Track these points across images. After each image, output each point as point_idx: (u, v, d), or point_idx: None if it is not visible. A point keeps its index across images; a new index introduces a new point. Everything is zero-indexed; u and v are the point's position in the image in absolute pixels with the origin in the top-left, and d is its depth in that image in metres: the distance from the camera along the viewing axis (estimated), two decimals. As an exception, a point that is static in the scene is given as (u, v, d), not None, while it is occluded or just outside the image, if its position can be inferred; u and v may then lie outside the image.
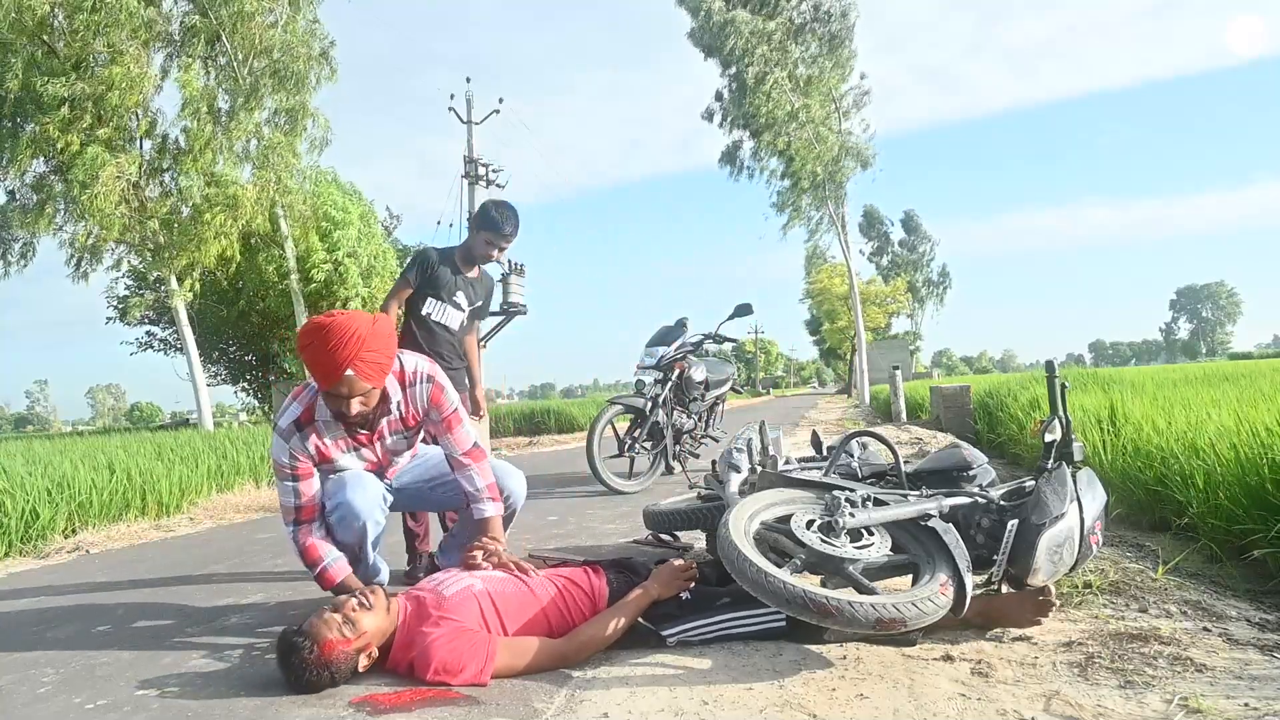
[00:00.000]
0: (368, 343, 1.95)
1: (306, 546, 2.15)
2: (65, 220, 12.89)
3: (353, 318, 1.97)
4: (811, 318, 48.51)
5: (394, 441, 2.28)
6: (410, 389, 2.21)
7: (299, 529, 2.17)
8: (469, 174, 20.26)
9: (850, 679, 1.69)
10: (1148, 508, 3.38)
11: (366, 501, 2.17)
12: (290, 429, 2.11)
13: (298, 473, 2.13)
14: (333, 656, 1.72)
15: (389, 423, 2.22)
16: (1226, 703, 1.46)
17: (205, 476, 5.83)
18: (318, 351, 1.95)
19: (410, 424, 2.27)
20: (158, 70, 12.95)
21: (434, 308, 3.17)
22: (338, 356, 1.93)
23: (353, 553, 2.23)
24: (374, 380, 2.01)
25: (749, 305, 5.68)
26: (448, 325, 3.20)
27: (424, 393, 2.22)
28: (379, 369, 2.01)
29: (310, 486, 2.16)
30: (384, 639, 1.82)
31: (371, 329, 1.97)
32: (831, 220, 19.11)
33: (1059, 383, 2.22)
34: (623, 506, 4.48)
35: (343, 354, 1.92)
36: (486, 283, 3.39)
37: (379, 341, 1.99)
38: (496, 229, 3.15)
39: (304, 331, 2.02)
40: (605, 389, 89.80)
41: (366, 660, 1.78)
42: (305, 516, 2.16)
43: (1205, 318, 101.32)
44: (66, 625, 2.53)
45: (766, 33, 17.21)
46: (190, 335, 13.78)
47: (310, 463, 2.15)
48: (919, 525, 1.99)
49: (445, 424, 2.26)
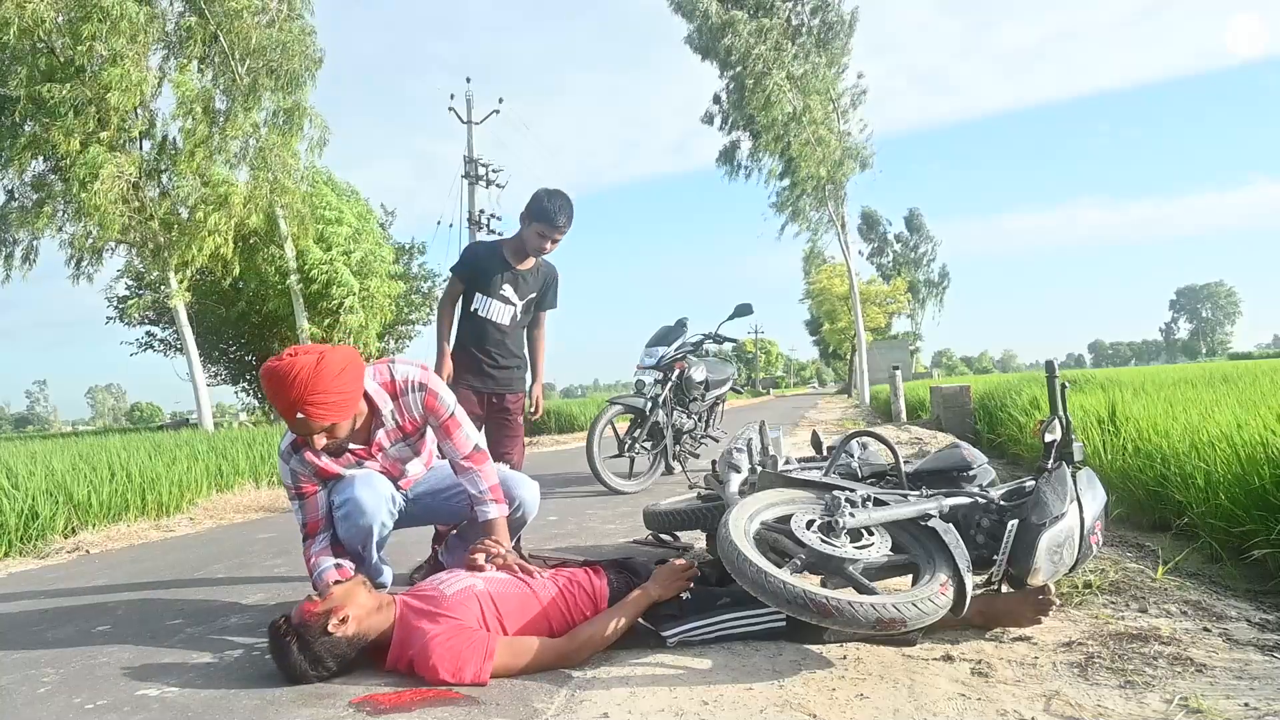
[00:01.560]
0: (311, 385, 1.92)
1: (308, 559, 2.22)
2: (65, 220, 12.89)
3: (296, 362, 1.94)
4: (811, 318, 48.58)
5: (398, 450, 2.29)
6: (402, 399, 2.20)
7: (305, 544, 2.24)
8: (469, 174, 20.27)
9: (850, 679, 1.69)
10: (1148, 508, 3.38)
11: (374, 499, 2.18)
12: (289, 451, 2.17)
13: (302, 491, 2.21)
14: (303, 619, 1.78)
15: (387, 434, 2.23)
16: (1226, 703, 1.46)
17: (205, 476, 5.82)
18: (271, 395, 1.98)
19: (410, 431, 2.27)
20: (156, 71, 12.96)
21: (481, 303, 3.07)
22: (285, 401, 1.94)
23: (356, 552, 2.24)
24: (330, 417, 1.98)
25: (749, 305, 5.68)
26: (496, 321, 3.07)
27: (417, 401, 2.22)
28: (333, 407, 1.98)
29: (315, 503, 2.22)
30: (365, 613, 1.82)
31: (315, 370, 1.93)
32: (832, 221, 19.10)
33: (1059, 383, 2.22)
34: (623, 506, 4.48)
35: (289, 397, 1.92)
36: (544, 273, 3.20)
37: (325, 381, 1.94)
38: (549, 220, 2.98)
39: (261, 374, 2.02)
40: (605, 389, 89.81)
41: (338, 623, 1.78)
42: (311, 531, 2.23)
43: (1205, 318, 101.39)
44: (66, 625, 2.52)
45: (764, 31, 17.20)
46: (190, 335, 13.78)
47: (313, 481, 2.20)
48: (919, 525, 1.99)
49: (444, 429, 2.25)
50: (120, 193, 12.08)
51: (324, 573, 2.16)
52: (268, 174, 13.31)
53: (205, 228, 12.44)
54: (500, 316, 3.07)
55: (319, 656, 1.77)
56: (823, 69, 17.86)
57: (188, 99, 12.59)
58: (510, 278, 3.07)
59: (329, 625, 1.78)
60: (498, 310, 3.07)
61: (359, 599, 1.83)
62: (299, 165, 14.06)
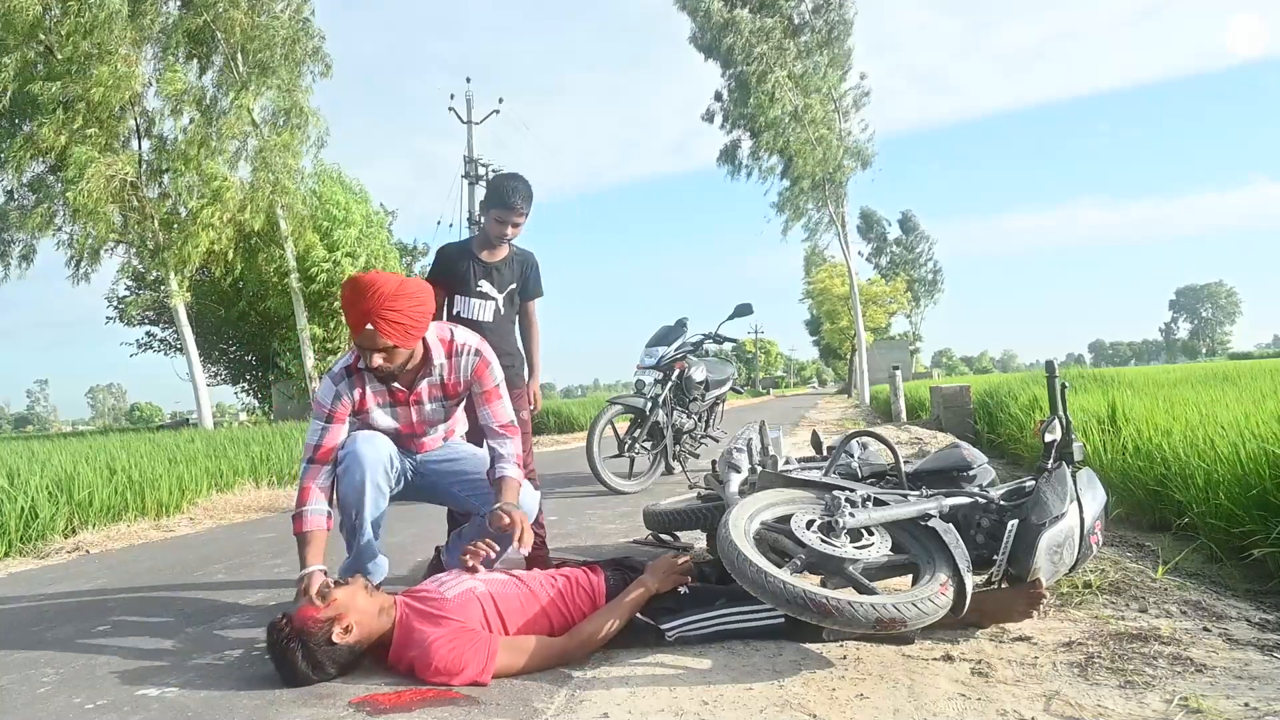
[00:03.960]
0: (388, 301, 2.02)
1: (304, 486, 2.18)
2: (64, 221, 12.89)
3: (380, 276, 2.07)
4: (811, 318, 48.56)
5: (431, 410, 2.34)
6: (456, 358, 2.30)
7: (309, 466, 2.21)
8: (469, 174, 20.27)
9: (850, 679, 1.69)
10: (1148, 508, 3.38)
11: (371, 455, 2.20)
12: (341, 373, 2.23)
13: (334, 415, 2.22)
14: (305, 625, 1.76)
15: (429, 386, 2.29)
16: (1226, 703, 1.46)
17: (205, 476, 5.82)
18: (347, 303, 2.07)
19: (451, 393, 2.34)
20: (150, 70, 12.95)
21: (462, 304, 3.02)
22: (359, 309, 2.03)
23: (349, 520, 2.23)
24: (394, 338, 2.06)
25: (749, 305, 5.69)
26: (480, 319, 3.01)
27: (469, 364, 2.31)
28: (401, 330, 2.06)
29: (337, 433, 2.23)
30: (367, 619, 1.81)
31: (397, 289, 2.05)
32: (832, 220, 19.11)
33: (1059, 383, 2.22)
34: (623, 506, 4.48)
35: (363, 306, 2.02)
36: (519, 260, 3.12)
37: (402, 302, 2.05)
38: (505, 203, 2.91)
39: (343, 284, 2.13)
40: (605, 389, 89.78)
41: (342, 632, 1.77)
42: (320, 456, 2.21)
43: (1205, 318, 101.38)
44: (66, 625, 2.52)
45: (766, 30, 17.21)
46: (190, 335, 13.79)
47: (348, 410, 2.24)
48: (919, 525, 1.99)
49: (485, 396, 2.34)
50: (112, 192, 12.06)
51: (310, 513, 2.13)
52: (268, 174, 13.29)
53: (199, 221, 12.39)
54: (483, 314, 3.02)
55: (320, 663, 1.77)
56: (825, 69, 17.87)
57: (176, 95, 12.57)
58: (484, 272, 3.02)
59: (333, 635, 1.77)
60: (478, 308, 3.02)
61: (361, 604, 1.82)
62: (300, 165, 14.05)
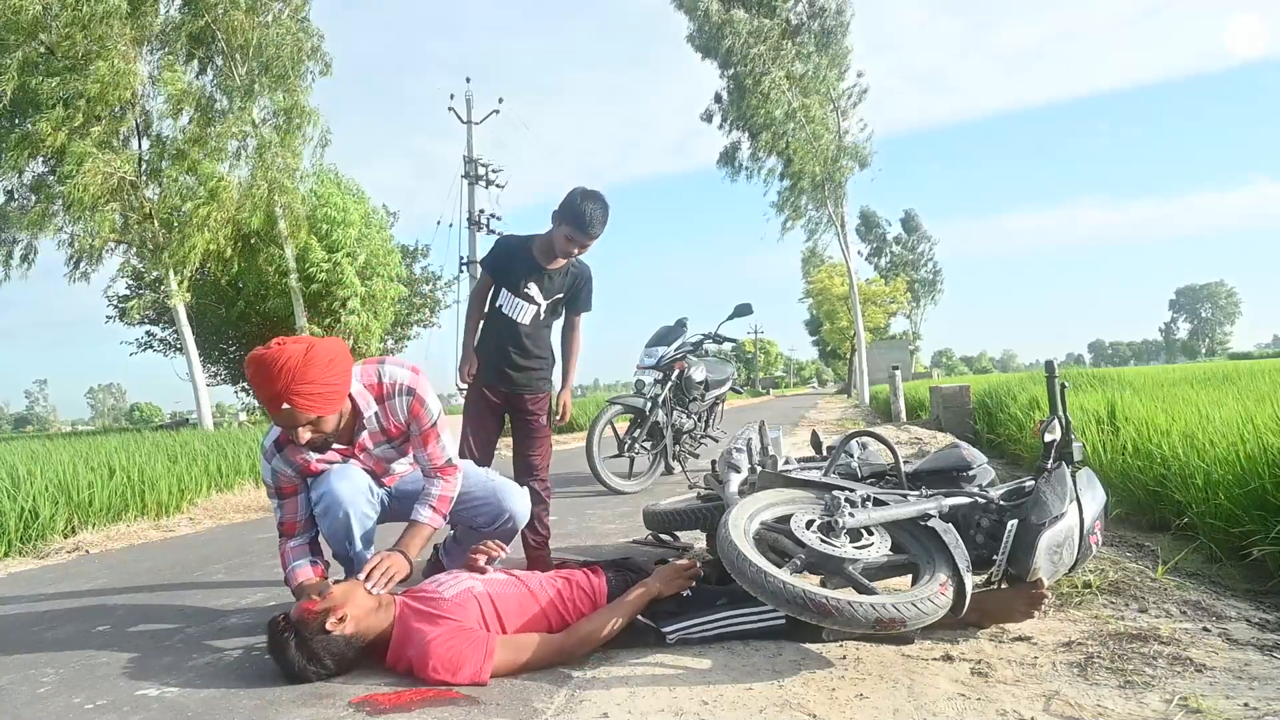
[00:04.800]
0: (299, 374, 1.88)
1: (281, 554, 2.20)
2: (64, 221, 12.88)
3: (283, 350, 1.90)
4: (811, 318, 48.55)
5: (381, 451, 2.26)
6: (388, 402, 2.16)
7: (281, 541, 2.21)
8: (469, 174, 20.26)
9: (850, 679, 1.69)
10: (1148, 508, 3.38)
11: (350, 489, 2.15)
12: (272, 450, 2.15)
13: (283, 491, 2.18)
14: (301, 615, 1.79)
15: (369, 435, 2.19)
16: (1226, 703, 1.46)
17: (205, 476, 5.82)
18: (256, 385, 1.93)
19: (394, 434, 2.23)
20: (152, 69, 12.94)
21: (505, 300, 2.93)
22: (271, 390, 1.89)
23: (343, 552, 2.22)
24: (316, 409, 1.94)
25: (749, 305, 5.69)
26: (517, 319, 2.92)
27: (403, 406, 2.17)
28: (320, 398, 1.93)
29: (295, 504, 2.19)
30: (364, 614, 1.82)
31: (304, 359, 1.89)
32: (831, 220, 19.10)
33: (1059, 383, 2.22)
34: (623, 506, 4.48)
35: (275, 387, 1.88)
36: (574, 272, 3.00)
37: (314, 371, 1.90)
38: (582, 227, 2.74)
39: (246, 362, 1.98)
40: (605, 389, 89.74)
41: (336, 621, 1.78)
42: (286, 530, 2.20)
43: (1205, 318, 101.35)
44: (66, 625, 2.53)
45: (763, 31, 17.21)
46: (190, 335, 13.79)
47: (295, 481, 2.18)
48: (919, 525, 1.99)
49: (422, 438, 2.22)
50: (110, 190, 12.04)
51: (298, 569, 2.13)
52: (266, 174, 13.29)
53: (196, 220, 12.39)
54: (522, 315, 2.93)
55: (316, 654, 1.77)
56: (824, 69, 17.87)
57: (176, 96, 12.57)
58: (536, 276, 2.92)
59: (327, 624, 1.78)
60: (520, 309, 2.93)
61: (358, 599, 1.84)
62: (300, 165, 14.04)
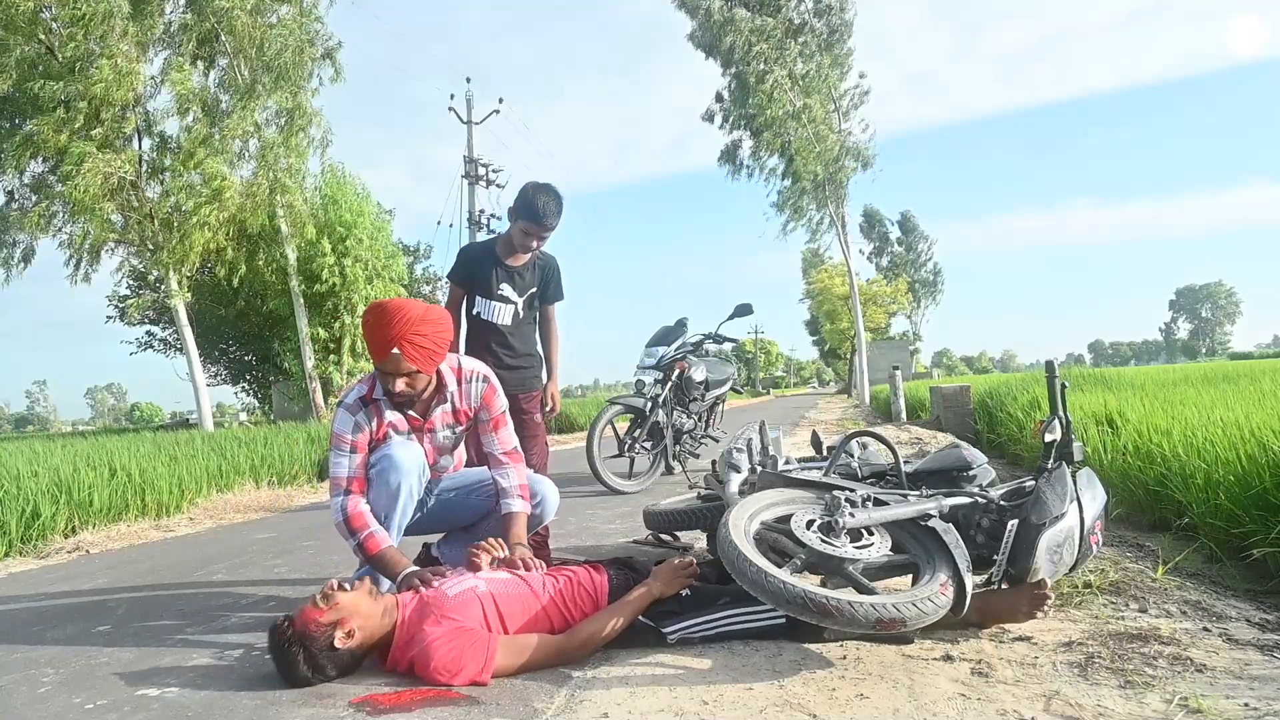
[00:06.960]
0: (415, 326, 2.09)
1: (353, 514, 2.18)
2: (65, 221, 12.87)
3: (406, 303, 2.16)
4: (811, 318, 48.53)
5: (443, 437, 2.40)
6: (466, 385, 2.37)
7: (348, 498, 2.20)
8: (469, 174, 20.26)
9: (850, 679, 1.69)
10: (1148, 508, 3.38)
11: (409, 460, 2.24)
12: (357, 404, 2.27)
13: (356, 446, 2.25)
14: (307, 628, 1.75)
15: (442, 414, 2.36)
16: (1226, 703, 1.46)
17: (205, 476, 5.82)
18: (372, 328, 2.13)
19: (461, 420, 2.40)
20: (156, 70, 12.94)
21: (482, 306, 3.02)
22: (385, 334, 2.09)
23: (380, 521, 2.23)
24: (419, 363, 2.12)
25: (749, 305, 5.69)
26: (497, 322, 3.01)
27: (478, 390, 2.39)
28: (425, 354, 2.13)
29: (364, 462, 2.26)
30: (371, 624, 1.81)
31: (422, 315, 2.12)
32: (832, 220, 19.09)
33: (1059, 383, 2.22)
34: (623, 506, 4.48)
35: (390, 332, 2.08)
36: (541, 265, 3.09)
37: (428, 327, 2.12)
38: (536, 219, 2.85)
39: (366, 310, 2.21)
40: (605, 389, 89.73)
41: (344, 636, 1.77)
42: (356, 488, 2.23)
43: (1205, 318, 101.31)
44: (66, 625, 2.53)
45: (765, 30, 17.21)
46: (190, 335, 13.76)
47: (368, 440, 2.27)
48: (919, 525, 1.99)
49: (493, 422, 2.42)
50: (109, 189, 12.03)
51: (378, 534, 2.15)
52: (268, 174, 13.27)
53: (195, 220, 12.37)
54: (502, 317, 3.02)
55: (321, 666, 1.77)
56: (826, 69, 17.87)
57: (184, 97, 12.56)
58: (506, 275, 3.01)
59: (335, 640, 1.76)
60: (498, 311, 3.02)
61: (365, 609, 1.81)
62: (303, 166, 14.03)
